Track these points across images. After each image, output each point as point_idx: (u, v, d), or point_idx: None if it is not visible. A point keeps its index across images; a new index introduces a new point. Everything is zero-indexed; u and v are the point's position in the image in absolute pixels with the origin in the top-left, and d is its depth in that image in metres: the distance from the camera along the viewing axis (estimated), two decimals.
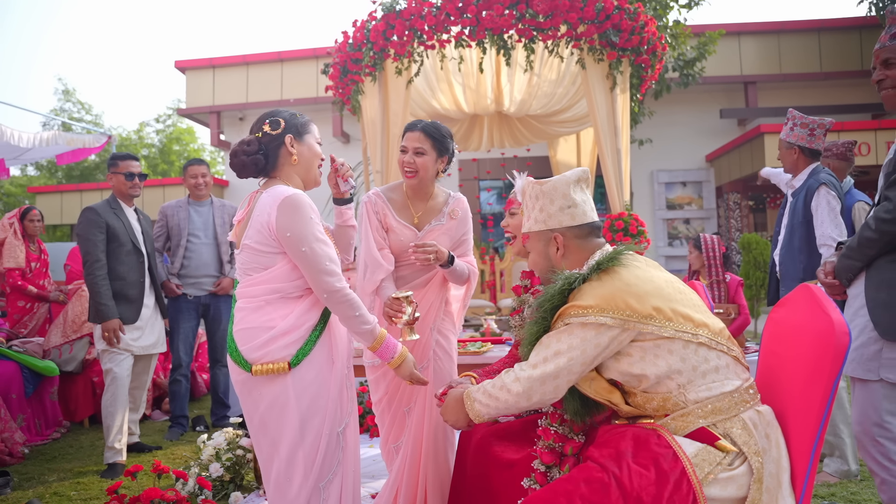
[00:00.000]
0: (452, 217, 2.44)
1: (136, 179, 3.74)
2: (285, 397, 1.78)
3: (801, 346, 1.54)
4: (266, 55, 11.96)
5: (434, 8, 4.66)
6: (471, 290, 2.56)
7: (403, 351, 1.95)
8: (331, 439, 1.82)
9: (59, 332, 4.49)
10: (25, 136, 5.48)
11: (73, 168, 18.78)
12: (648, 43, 4.88)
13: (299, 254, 1.78)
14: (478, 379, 2.03)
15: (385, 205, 2.40)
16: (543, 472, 1.71)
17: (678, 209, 11.46)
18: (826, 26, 10.94)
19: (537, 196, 1.76)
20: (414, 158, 2.32)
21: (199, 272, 4.27)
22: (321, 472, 1.79)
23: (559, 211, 1.72)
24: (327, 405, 1.82)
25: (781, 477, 1.47)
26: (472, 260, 2.53)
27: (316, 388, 1.80)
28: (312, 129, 2.00)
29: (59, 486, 3.29)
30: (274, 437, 1.80)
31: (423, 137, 2.31)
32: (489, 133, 6.94)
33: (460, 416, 1.75)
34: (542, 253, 1.76)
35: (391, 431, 2.45)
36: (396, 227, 2.39)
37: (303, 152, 1.94)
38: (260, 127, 1.92)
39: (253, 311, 1.82)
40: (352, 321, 1.84)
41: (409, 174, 2.35)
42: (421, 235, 2.40)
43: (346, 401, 1.90)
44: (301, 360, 1.78)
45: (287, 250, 1.80)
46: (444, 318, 2.48)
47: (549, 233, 1.73)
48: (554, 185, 1.73)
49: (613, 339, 1.52)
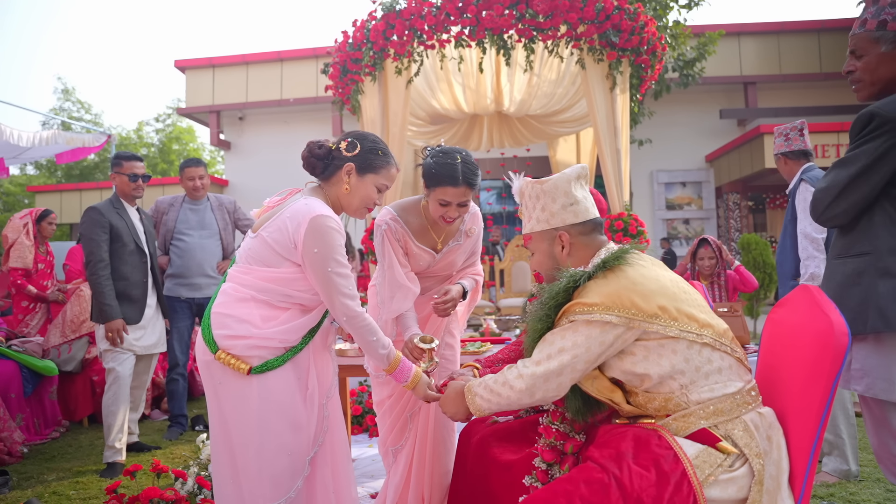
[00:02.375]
0: (469, 235, 2.40)
1: (139, 181, 3.73)
2: (247, 397, 1.74)
3: (800, 346, 1.54)
4: (266, 55, 11.96)
5: (434, 8, 4.65)
6: (477, 294, 2.56)
7: (417, 373, 1.94)
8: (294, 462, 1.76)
9: (58, 332, 4.49)
10: (25, 136, 5.48)
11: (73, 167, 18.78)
12: (648, 43, 4.88)
13: (324, 274, 1.75)
14: (481, 370, 2.03)
15: (405, 231, 2.29)
16: (545, 469, 1.71)
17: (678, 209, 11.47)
18: (826, 27, 10.94)
19: (538, 196, 1.75)
20: (458, 211, 2.19)
21: (191, 272, 4.21)
22: (271, 494, 1.73)
23: (562, 209, 1.71)
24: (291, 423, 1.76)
25: (781, 478, 1.47)
26: (479, 269, 2.53)
27: (279, 403, 1.75)
28: (382, 172, 1.92)
29: (58, 485, 3.29)
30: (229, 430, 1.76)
31: (468, 191, 2.16)
32: (489, 133, 6.94)
33: (460, 408, 1.76)
34: (547, 252, 1.75)
35: (391, 434, 2.45)
36: (416, 253, 2.31)
37: (356, 187, 1.90)
38: (340, 140, 1.92)
39: (238, 300, 1.79)
40: (370, 345, 1.84)
41: (449, 223, 2.23)
42: (438, 258, 2.36)
43: (321, 431, 1.84)
44: (265, 372, 1.74)
45: (309, 267, 1.76)
46: (452, 320, 2.49)
47: (554, 231, 1.72)
48: (555, 184, 1.72)
49: (618, 337, 1.52)
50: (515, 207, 10.69)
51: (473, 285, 2.44)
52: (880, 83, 1.92)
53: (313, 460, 1.83)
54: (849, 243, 1.93)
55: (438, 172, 2.14)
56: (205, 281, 4.25)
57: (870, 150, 1.81)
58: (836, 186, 1.87)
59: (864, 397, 1.97)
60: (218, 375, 1.77)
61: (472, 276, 2.48)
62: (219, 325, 1.78)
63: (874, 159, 1.80)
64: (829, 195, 1.89)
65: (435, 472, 2.34)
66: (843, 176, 1.85)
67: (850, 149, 1.89)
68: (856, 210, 1.87)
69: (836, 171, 1.88)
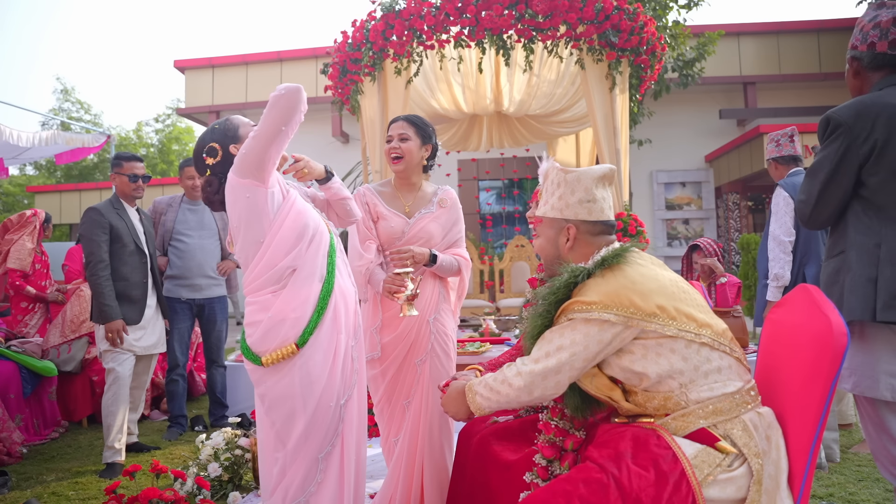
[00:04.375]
0: (442, 206, 2.53)
1: (139, 181, 3.73)
2: (298, 374, 1.81)
3: (799, 346, 1.54)
4: (265, 55, 11.96)
5: (433, 8, 4.65)
6: (464, 282, 2.60)
7: None
8: (333, 412, 1.85)
9: (58, 332, 4.49)
10: (24, 136, 5.48)
11: (72, 167, 18.77)
12: (648, 43, 4.88)
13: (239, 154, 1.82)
14: (483, 372, 2.03)
15: (374, 196, 2.50)
16: (545, 466, 1.72)
17: (677, 209, 11.46)
18: (825, 27, 10.94)
19: (559, 183, 1.75)
20: (399, 144, 2.44)
21: (191, 273, 4.20)
22: (321, 444, 1.83)
23: (577, 203, 1.71)
24: (329, 379, 1.85)
25: (780, 478, 1.47)
26: (465, 252, 2.58)
27: (321, 363, 1.83)
28: (239, 123, 2.02)
29: (57, 485, 3.29)
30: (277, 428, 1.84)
31: (407, 125, 2.46)
32: (488, 133, 6.94)
33: (461, 407, 1.76)
34: (552, 240, 1.76)
35: (391, 426, 2.47)
36: (387, 215, 2.47)
37: None
38: (202, 165, 2.00)
39: (260, 307, 1.85)
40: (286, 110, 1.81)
41: (395, 160, 2.46)
42: (411, 223, 2.47)
43: (350, 373, 1.93)
44: (307, 339, 1.81)
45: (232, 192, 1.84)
46: (442, 310, 2.50)
47: (564, 222, 1.73)
48: (578, 177, 1.73)
49: (616, 335, 1.52)
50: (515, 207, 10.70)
51: (451, 261, 2.50)
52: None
53: (346, 404, 1.91)
54: (832, 244, 2.03)
55: (391, 120, 2.49)
56: (205, 282, 4.25)
57: (830, 154, 1.91)
58: (812, 196, 1.98)
59: (858, 397, 1.98)
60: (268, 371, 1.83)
61: (453, 255, 2.53)
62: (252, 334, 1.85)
63: (836, 164, 1.90)
64: (808, 206, 2.00)
65: (432, 465, 2.34)
66: (815, 185, 1.96)
67: (816, 154, 2.01)
68: (837, 213, 1.97)
69: (809, 181, 2.00)
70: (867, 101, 1.88)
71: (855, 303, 1.86)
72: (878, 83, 1.94)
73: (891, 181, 1.85)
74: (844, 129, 1.88)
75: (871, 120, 1.84)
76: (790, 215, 3.34)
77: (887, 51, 1.90)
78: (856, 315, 1.85)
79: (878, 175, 1.86)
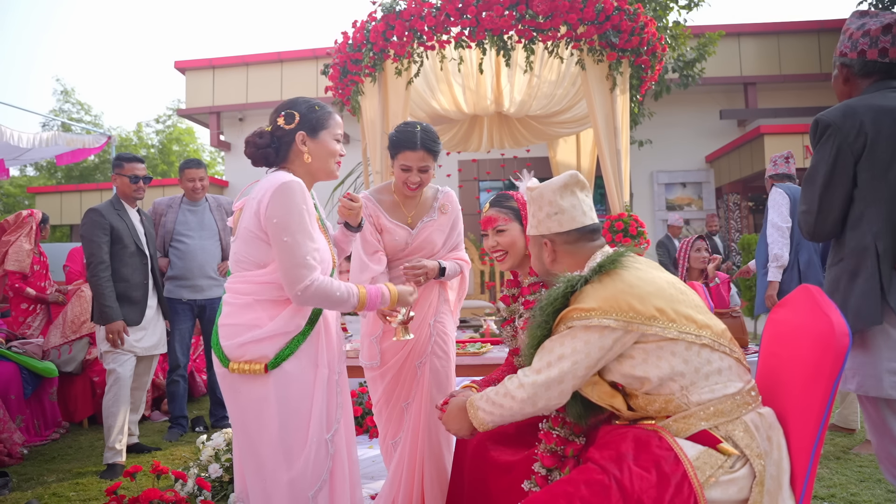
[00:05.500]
0: (443, 212, 2.48)
1: (140, 182, 3.73)
2: (265, 400, 1.73)
3: (801, 347, 1.54)
4: (266, 56, 11.95)
5: (434, 9, 4.65)
6: (465, 283, 2.59)
7: (392, 288, 1.90)
8: (319, 447, 1.76)
9: (59, 333, 4.48)
10: (25, 137, 5.48)
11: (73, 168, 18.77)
12: (648, 44, 4.88)
13: (280, 243, 1.70)
14: (478, 390, 2.02)
15: (376, 207, 2.41)
16: (544, 475, 1.70)
17: (678, 210, 11.45)
18: (826, 27, 10.93)
19: (529, 202, 1.79)
20: (420, 177, 2.32)
21: (192, 274, 4.19)
22: (309, 482, 1.74)
23: (546, 217, 1.73)
24: (311, 411, 1.77)
25: (782, 479, 1.46)
26: (464, 255, 2.56)
27: (299, 392, 1.75)
28: (331, 125, 1.89)
29: (58, 486, 3.28)
30: (253, 440, 1.75)
31: (428, 156, 2.30)
32: (489, 134, 6.93)
33: (463, 424, 1.74)
34: (538, 257, 1.80)
35: (389, 428, 2.46)
36: (390, 228, 2.41)
37: (316, 151, 1.86)
38: (275, 118, 1.86)
39: (241, 307, 1.78)
40: (337, 302, 1.77)
41: (412, 189, 2.34)
42: (414, 233, 2.43)
43: (334, 407, 1.85)
44: (281, 363, 1.73)
45: (272, 238, 1.72)
46: (443, 312, 2.49)
47: (541, 238, 1.76)
48: (540, 192, 1.75)
49: (617, 340, 1.52)
50: None
51: (455, 267, 2.48)
52: None
53: (333, 438, 1.84)
54: (833, 252, 2.05)
55: (398, 139, 2.31)
56: (206, 283, 4.25)
57: (825, 156, 1.94)
58: (813, 203, 1.98)
59: (862, 399, 1.99)
60: (237, 382, 1.77)
61: (455, 261, 2.51)
62: (228, 336, 1.77)
63: (831, 164, 1.92)
64: (811, 216, 1.99)
65: (433, 467, 2.34)
66: (815, 190, 1.97)
67: (811, 159, 2.03)
68: (840, 218, 1.97)
69: (808, 189, 2.01)
70: (854, 104, 1.94)
71: (864, 310, 1.87)
72: (866, 89, 2.00)
73: (877, 179, 1.89)
74: (834, 129, 1.92)
75: (859, 119, 1.89)
76: (786, 206, 3.85)
77: (878, 58, 1.95)
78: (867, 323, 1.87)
79: (867, 171, 1.90)
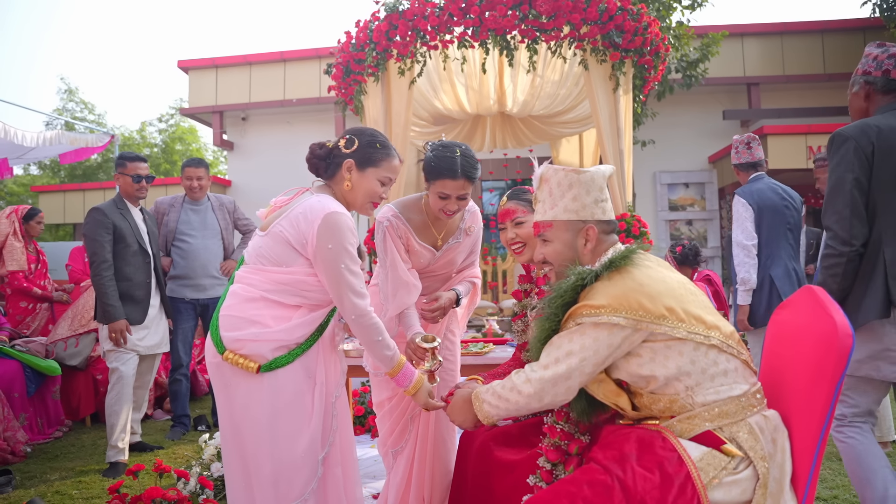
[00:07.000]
0: (468, 234, 2.42)
1: (143, 182, 3.74)
2: (257, 400, 1.73)
3: (804, 347, 1.54)
4: (269, 55, 11.95)
5: (437, 8, 4.65)
6: (476, 297, 2.56)
7: (420, 379, 1.93)
8: (307, 459, 1.75)
9: (67, 325, 4.46)
10: (29, 136, 5.48)
11: (76, 167, 18.80)
12: (651, 44, 4.87)
13: (336, 270, 1.74)
14: (483, 382, 2.02)
15: (406, 228, 2.30)
16: (549, 469, 1.70)
17: (681, 210, 11.43)
18: (829, 28, 10.90)
19: (571, 184, 1.69)
20: (458, 204, 2.21)
21: (195, 273, 4.20)
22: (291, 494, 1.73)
23: (594, 203, 1.69)
24: (301, 427, 1.75)
25: (784, 481, 1.46)
26: (477, 271, 2.53)
27: (290, 400, 1.75)
28: (382, 165, 1.90)
29: (60, 484, 3.29)
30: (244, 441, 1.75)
31: (467, 183, 2.17)
32: (492, 134, 6.93)
33: (468, 416, 1.73)
34: (569, 243, 1.70)
35: (391, 436, 2.45)
36: (417, 250, 2.33)
37: (358, 183, 1.90)
38: (342, 136, 1.92)
39: (247, 300, 1.78)
40: (375, 346, 1.83)
41: (448, 215, 2.24)
42: (438, 255, 2.37)
43: (329, 430, 1.83)
44: (275, 369, 1.73)
45: (321, 263, 1.75)
46: (451, 322, 2.50)
47: (582, 224, 1.68)
48: (592, 177, 1.69)
49: (625, 339, 1.51)
50: None
51: (470, 289, 2.46)
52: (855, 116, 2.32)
53: (325, 460, 1.81)
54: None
55: (438, 166, 2.15)
56: (209, 282, 4.26)
57: (845, 159, 2.09)
58: (845, 212, 2.09)
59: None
60: (227, 376, 1.76)
61: (468, 280, 2.48)
62: (228, 327, 1.76)
63: (848, 170, 2.08)
64: (846, 223, 2.09)
65: (436, 473, 2.35)
66: (844, 201, 2.10)
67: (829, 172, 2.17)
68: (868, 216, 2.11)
69: (838, 198, 2.12)
70: (868, 120, 2.14)
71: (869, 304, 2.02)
72: (882, 107, 2.19)
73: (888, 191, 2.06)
74: (849, 138, 2.10)
75: (874, 132, 2.09)
76: (750, 220, 3.48)
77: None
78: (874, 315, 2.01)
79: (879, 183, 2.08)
